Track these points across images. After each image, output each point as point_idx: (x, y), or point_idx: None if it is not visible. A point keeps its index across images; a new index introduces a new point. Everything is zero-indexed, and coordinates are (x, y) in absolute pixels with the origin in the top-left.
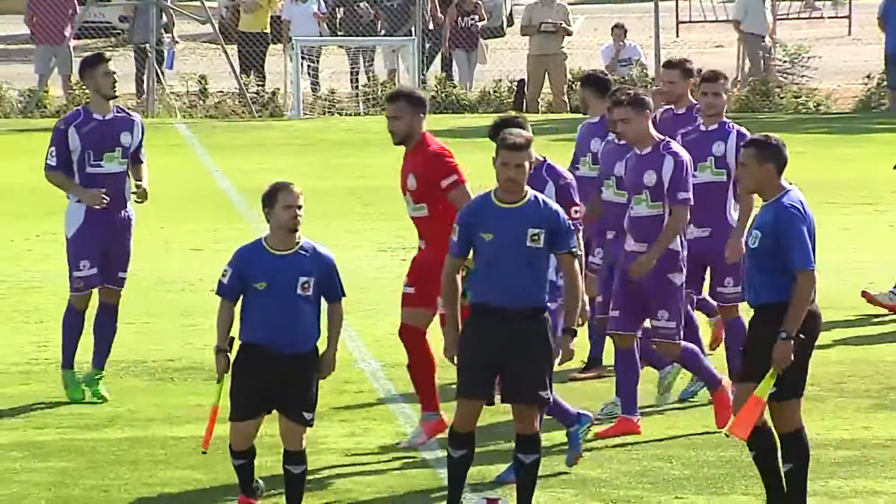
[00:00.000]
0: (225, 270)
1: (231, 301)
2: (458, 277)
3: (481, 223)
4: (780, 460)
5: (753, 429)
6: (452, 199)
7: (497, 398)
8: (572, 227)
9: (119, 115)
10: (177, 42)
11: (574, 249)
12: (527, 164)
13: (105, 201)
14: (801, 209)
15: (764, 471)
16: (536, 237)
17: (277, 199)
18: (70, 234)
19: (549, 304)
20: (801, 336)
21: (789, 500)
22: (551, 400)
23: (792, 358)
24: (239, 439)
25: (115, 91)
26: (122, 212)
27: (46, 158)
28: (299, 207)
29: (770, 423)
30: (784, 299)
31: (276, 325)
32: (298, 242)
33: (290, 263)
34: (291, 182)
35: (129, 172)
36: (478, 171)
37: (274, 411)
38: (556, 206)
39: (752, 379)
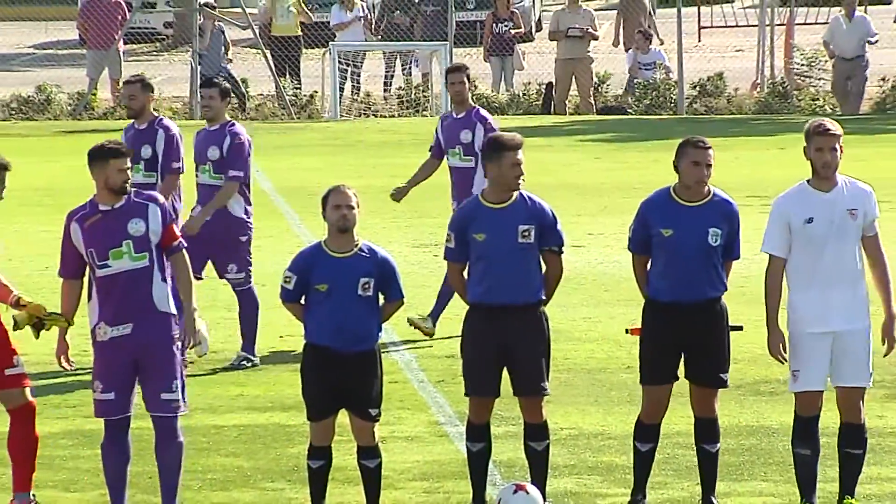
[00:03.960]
0: (288, 277)
1: (298, 303)
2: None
3: (474, 225)
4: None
5: (657, 424)
6: None
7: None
8: (559, 224)
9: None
10: (230, 60)
11: (558, 248)
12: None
13: None
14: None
15: (647, 463)
16: (527, 233)
17: (328, 200)
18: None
19: None
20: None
21: (707, 484)
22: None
23: None
24: (318, 436)
25: None
26: None
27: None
28: (349, 207)
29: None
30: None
31: (337, 325)
32: (357, 244)
33: (350, 265)
34: (344, 184)
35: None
36: None
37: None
38: (542, 202)
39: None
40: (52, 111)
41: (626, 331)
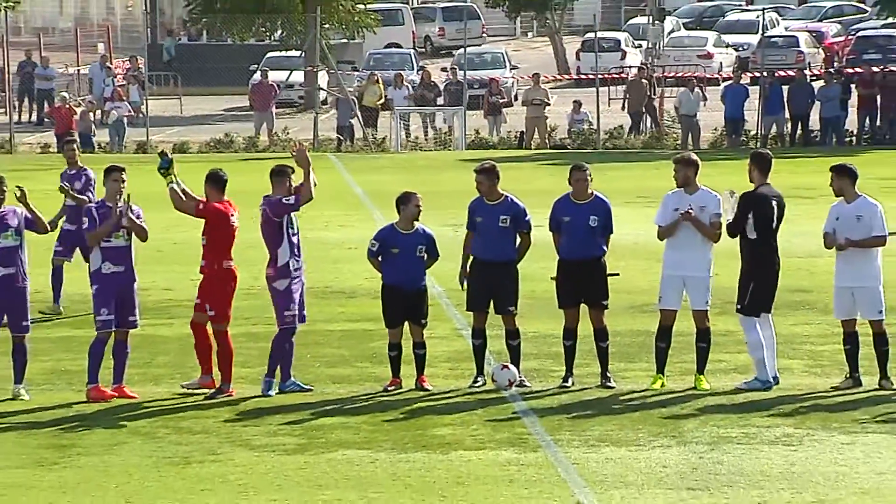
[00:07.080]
0: (374, 243)
1: (377, 258)
2: (470, 241)
3: (477, 213)
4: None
5: (573, 329)
6: None
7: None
8: (529, 216)
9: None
10: (354, 115)
11: (527, 230)
12: (493, 180)
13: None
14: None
15: (571, 352)
16: (505, 220)
17: (410, 200)
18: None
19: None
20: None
21: (602, 365)
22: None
23: None
24: (393, 336)
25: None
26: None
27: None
28: (420, 206)
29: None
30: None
31: (404, 273)
32: (415, 226)
33: (413, 238)
34: (415, 191)
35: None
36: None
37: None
38: (519, 202)
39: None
40: (233, 148)
41: (551, 278)
